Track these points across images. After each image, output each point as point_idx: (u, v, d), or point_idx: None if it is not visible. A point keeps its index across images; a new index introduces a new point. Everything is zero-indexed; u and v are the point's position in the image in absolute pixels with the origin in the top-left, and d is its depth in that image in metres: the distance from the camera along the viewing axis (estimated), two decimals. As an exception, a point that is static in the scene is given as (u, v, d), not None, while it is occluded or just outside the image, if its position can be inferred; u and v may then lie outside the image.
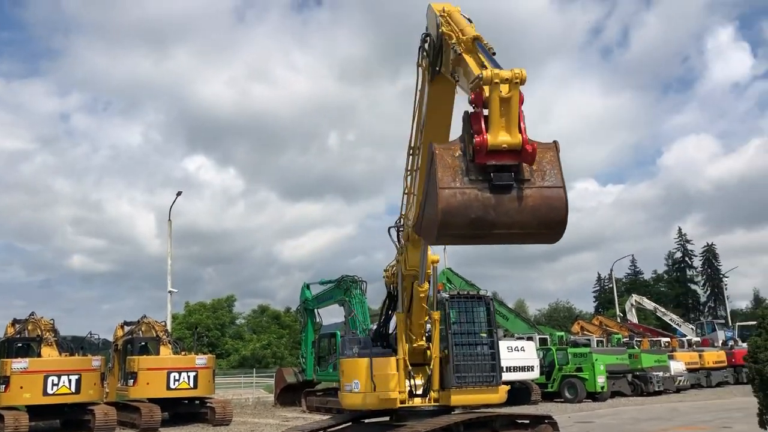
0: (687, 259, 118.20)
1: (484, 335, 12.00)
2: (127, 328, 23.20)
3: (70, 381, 18.31)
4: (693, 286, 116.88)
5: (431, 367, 11.38)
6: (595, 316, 65.20)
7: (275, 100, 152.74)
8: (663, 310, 60.39)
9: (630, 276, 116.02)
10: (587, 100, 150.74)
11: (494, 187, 5.77)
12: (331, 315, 28.70)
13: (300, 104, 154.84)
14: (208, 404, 21.30)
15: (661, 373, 30.73)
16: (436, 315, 11.42)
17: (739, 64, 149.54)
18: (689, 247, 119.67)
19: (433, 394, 11.23)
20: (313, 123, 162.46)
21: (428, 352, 11.53)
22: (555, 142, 6.06)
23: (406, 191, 10.99)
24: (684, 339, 45.76)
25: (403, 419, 11.17)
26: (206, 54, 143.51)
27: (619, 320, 54.05)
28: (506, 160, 5.82)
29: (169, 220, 34.57)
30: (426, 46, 8.77)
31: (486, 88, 5.93)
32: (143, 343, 22.58)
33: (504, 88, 5.84)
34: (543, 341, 31.45)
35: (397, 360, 11.13)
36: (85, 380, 18.66)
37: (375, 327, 12.18)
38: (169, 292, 32.94)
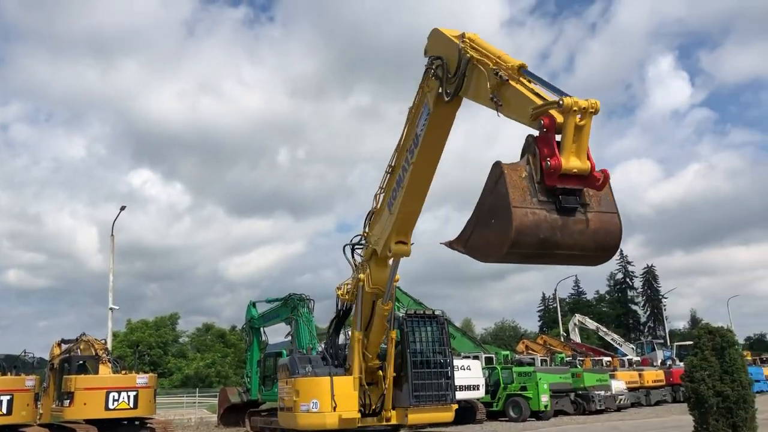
0: (628, 280, 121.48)
1: (440, 354, 12.13)
2: (64, 346, 22.36)
3: (1, 402, 17.56)
4: (633, 307, 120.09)
5: (386, 386, 11.29)
6: (539, 335, 66.39)
7: (225, 114, 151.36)
8: (605, 329, 61.79)
9: (573, 296, 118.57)
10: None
11: (561, 209, 6.17)
12: (277, 334, 28.36)
13: (250, 119, 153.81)
14: (148, 425, 20.67)
15: (602, 392, 31.35)
16: (393, 334, 11.44)
17: (678, 92, 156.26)
18: (630, 268, 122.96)
19: (386, 413, 11.13)
20: (263, 138, 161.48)
21: (380, 371, 11.45)
22: (604, 170, 6.31)
23: (375, 209, 11.10)
24: (625, 358, 46.85)
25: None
26: (154, 66, 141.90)
27: (562, 339, 55.08)
28: (574, 185, 6.21)
29: (112, 235, 33.76)
30: (437, 71, 9.07)
31: (554, 113, 6.27)
32: (81, 362, 21.78)
33: (577, 117, 6.15)
34: (489, 360, 31.77)
35: (354, 379, 11.02)
36: (18, 401, 17.87)
37: (324, 346, 12.04)
38: (111, 309, 32.01)
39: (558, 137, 6.29)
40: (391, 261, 11.11)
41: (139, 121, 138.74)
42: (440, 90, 9.22)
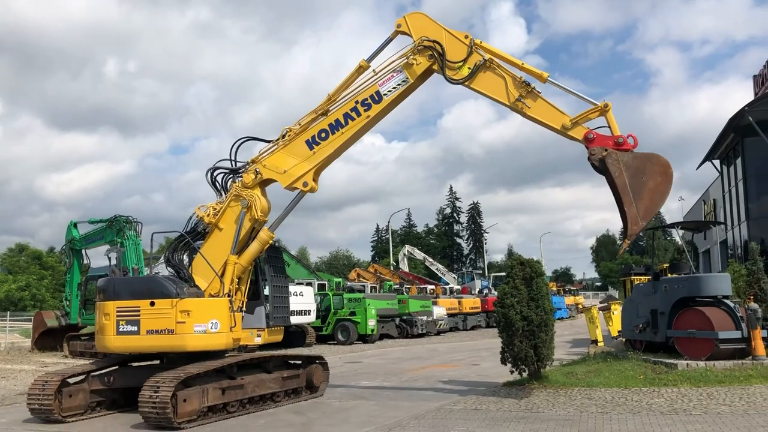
0: (455, 215, 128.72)
1: (282, 278, 12.59)
2: None
3: None
4: (458, 240, 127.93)
5: (243, 308, 11.49)
6: (371, 264, 68.75)
7: (43, 14, 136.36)
8: (431, 260, 65.32)
9: (405, 228, 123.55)
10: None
11: None
12: (99, 256, 26.93)
13: (73, 22, 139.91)
14: (-51, 350, 19.06)
15: (425, 317, 33.43)
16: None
17: (514, 38, 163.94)
18: (458, 204, 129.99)
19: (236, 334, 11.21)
20: (88, 46, 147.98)
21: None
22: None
23: (279, 141, 11.74)
24: (447, 287, 50.07)
25: (174, 362, 10.97)
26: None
27: (392, 268, 57.55)
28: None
29: None
30: (434, 53, 11.30)
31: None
32: None
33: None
34: (321, 287, 32.50)
35: (231, 301, 11.08)
36: None
37: (169, 265, 11.72)
38: None
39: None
40: (294, 193, 11.83)
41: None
42: (436, 69, 11.29)
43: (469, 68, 11.13)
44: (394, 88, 11.46)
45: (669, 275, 16.67)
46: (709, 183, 36.35)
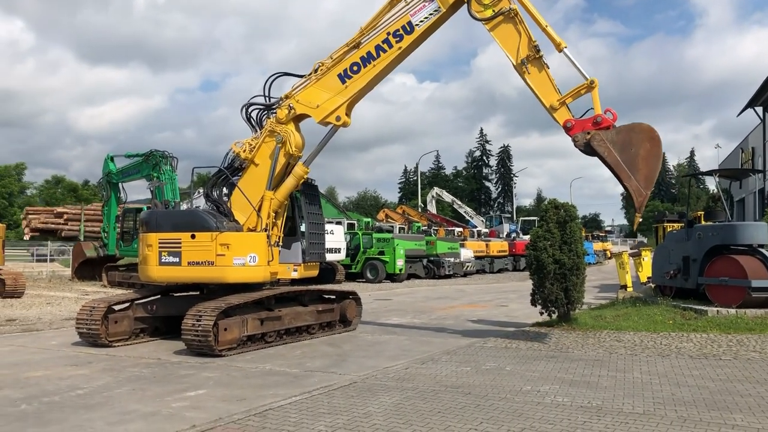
0: (485, 158, 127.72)
1: (318, 216, 12.90)
2: None
3: None
4: (487, 183, 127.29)
5: (279, 243, 11.76)
6: (399, 205, 69.00)
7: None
8: (459, 203, 65.29)
9: (433, 170, 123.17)
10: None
11: None
12: (133, 190, 27.50)
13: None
14: (-3, 276, 19.86)
15: (452, 259, 33.74)
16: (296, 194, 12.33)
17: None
18: (488, 147, 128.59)
19: (273, 268, 11.53)
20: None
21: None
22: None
23: (312, 75, 11.70)
24: (475, 230, 50.23)
25: (214, 293, 11.37)
26: None
27: (420, 210, 57.75)
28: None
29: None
30: None
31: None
32: None
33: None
34: (351, 226, 32.88)
35: (268, 235, 11.37)
36: None
37: (208, 200, 12.00)
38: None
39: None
40: (327, 128, 11.82)
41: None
42: (469, 4, 10.85)
43: (493, 11, 10.81)
44: (426, 18, 11.24)
45: (704, 223, 16.56)
46: (748, 131, 35.50)
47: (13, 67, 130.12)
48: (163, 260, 11.26)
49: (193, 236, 11.07)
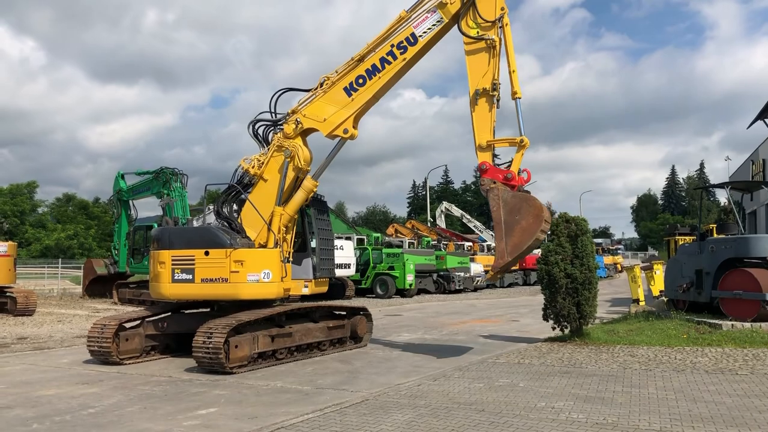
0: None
1: (328, 232, 12.90)
2: None
3: None
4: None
5: (290, 259, 11.76)
6: (408, 220, 68.90)
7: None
8: (468, 217, 65.03)
9: (442, 185, 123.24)
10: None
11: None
12: (143, 207, 27.65)
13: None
14: (8, 294, 19.94)
15: (462, 274, 33.62)
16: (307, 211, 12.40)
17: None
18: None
19: (286, 284, 11.52)
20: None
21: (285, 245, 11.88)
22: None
23: (317, 89, 11.77)
24: (484, 244, 50.00)
25: (225, 310, 11.35)
26: None
27: (429, 225, 57.63)
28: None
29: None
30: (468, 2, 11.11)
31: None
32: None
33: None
34: (360, 241, 32.86)
35: (281, 252, 11.43)
36: None
37: (218, 217, 12.00)
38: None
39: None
40: (336, 141, 11.88)
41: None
42: (462, 18, 11.04)
43: (478, 32, 10.98)
44: (429, 29, 11.37)
45: (716, 236, 16.43)
46: (758, 143, 35.28)
47: (24, 86, 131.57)
48: (176, 277, 11.25)
49: (206, 253, 11.08)
